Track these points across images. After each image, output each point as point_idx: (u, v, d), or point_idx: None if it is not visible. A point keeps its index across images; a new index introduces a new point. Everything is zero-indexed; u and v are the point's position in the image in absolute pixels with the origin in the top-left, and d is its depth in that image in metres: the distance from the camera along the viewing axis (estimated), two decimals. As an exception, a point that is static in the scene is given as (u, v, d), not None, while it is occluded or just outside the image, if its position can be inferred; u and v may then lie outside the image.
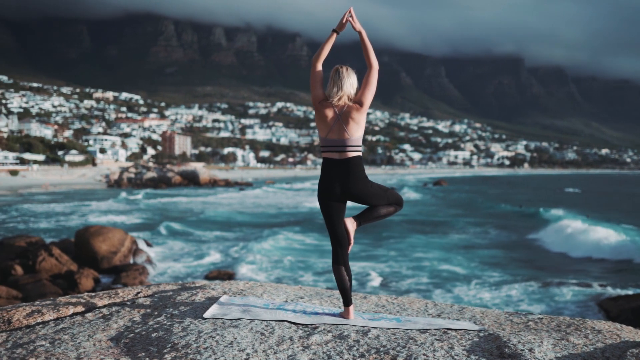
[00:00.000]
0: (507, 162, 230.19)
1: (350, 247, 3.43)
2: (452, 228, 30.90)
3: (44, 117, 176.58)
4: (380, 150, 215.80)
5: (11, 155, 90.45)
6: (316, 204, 45.92)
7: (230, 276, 17.90)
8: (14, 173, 79.59)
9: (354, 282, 17.05)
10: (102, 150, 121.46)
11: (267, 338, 2.95)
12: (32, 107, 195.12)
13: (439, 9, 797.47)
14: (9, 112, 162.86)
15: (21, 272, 17.43)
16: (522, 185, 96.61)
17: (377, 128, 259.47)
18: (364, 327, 3.14)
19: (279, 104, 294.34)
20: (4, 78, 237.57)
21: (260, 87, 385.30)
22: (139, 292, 3.91)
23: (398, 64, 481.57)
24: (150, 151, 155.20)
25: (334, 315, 3.40)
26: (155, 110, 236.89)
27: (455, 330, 3.09)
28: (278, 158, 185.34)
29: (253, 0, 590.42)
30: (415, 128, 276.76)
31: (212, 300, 3.64)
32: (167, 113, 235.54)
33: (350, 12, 3.44)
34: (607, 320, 3.46)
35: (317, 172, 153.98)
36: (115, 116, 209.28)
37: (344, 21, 3.46)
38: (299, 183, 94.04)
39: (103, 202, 47.39)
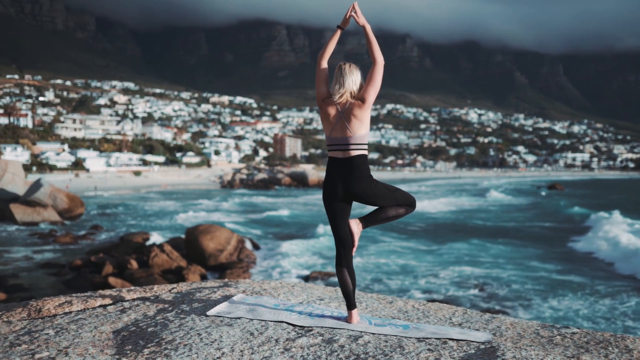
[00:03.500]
0: (631, 165, 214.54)
1: (354, 250, 3.33)
2: (567, 235, 29.25)
3: (165, 121, 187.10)
4: (492, 152, 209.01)
5: (135, 157, 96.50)
6: (423, 208, 45.40)
7: (327, 276, 18.08)
8: (137, 173, 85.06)
9: (449, 285, 16.66)
10: (217, 152, 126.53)
11: (254, 338, 2.93)
12: (155, 111, 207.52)
13: (554, 4, 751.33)
14: (135, 117, 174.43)
15: (136, 267, 18.66)
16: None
17: (489, 129, 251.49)
18: (361, 332, 3.04)
19: (389, 106, 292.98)
20: (131, 85, 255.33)
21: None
22: (172, 288, 4.03)
23: (512, 63, 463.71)
24: (262, 153, 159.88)
25: (338, 318, 3.32)
26: (268, 113, 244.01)
27: (458, 340, 2.92)
28: (387, 160, 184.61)
29: (363, 2, 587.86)
30: (530, 129, 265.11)
31: (227, 298, 3.68)
32: (279, 116, 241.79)
33: (353, 7, 3.37)
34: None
35: (427, 174, 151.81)
36: (230, 119, 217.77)
37: (347, 17, 3.40)
38: (406, 186, 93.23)
39: (214, 202, 49.51)
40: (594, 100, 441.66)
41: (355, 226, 3.31)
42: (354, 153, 3.26)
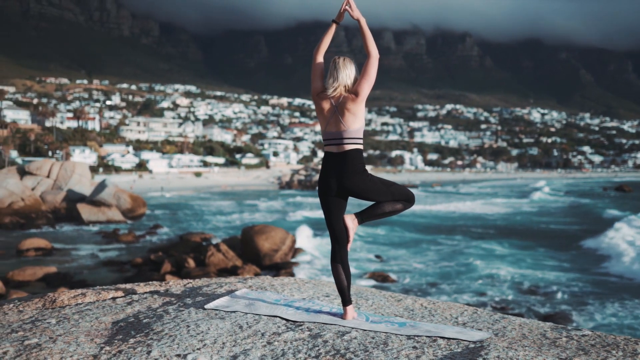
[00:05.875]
0: None
1: (349, 245, 3.29)
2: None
3: (225, 123, 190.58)
4: (556, 153, 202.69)
5: (196, 158, 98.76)
6: (474, 210, 44.58)
7: (384, 278, 18.05)
8: (198, 174, 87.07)
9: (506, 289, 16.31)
10: (275, 154, 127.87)
11: (242, 331, 2.93)
12: (216, 114, 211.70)
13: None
14: (196, 119, 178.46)
15: (193, 265, 19.19)
16: None
17: (552, 129, 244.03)
18: (351, 328, 3.00)
19: (448, 106, 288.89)
20: (193, 88, 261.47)
21: (429, 89, 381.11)
22: (187, 283, 4.09)
23: (577, 61, 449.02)
24: (320, 154, 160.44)
25: (334, 315, 3.29)
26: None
27: (448, 339, 2.84)
28: (446, 161, 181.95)
29: (421, 2, 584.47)
30: (597, 129, 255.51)
31: (231, 293, 3.70)
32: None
33: (347, 1, 3.34)
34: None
35: (487, 175, 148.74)
36: (289, 121, 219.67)
37: (342, 11, 3.38)
38: (466, 186, 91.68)
39: (271, 202, 50.12)
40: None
41: (351, 221, 3.27)
42: (348, 147, 3.22)
